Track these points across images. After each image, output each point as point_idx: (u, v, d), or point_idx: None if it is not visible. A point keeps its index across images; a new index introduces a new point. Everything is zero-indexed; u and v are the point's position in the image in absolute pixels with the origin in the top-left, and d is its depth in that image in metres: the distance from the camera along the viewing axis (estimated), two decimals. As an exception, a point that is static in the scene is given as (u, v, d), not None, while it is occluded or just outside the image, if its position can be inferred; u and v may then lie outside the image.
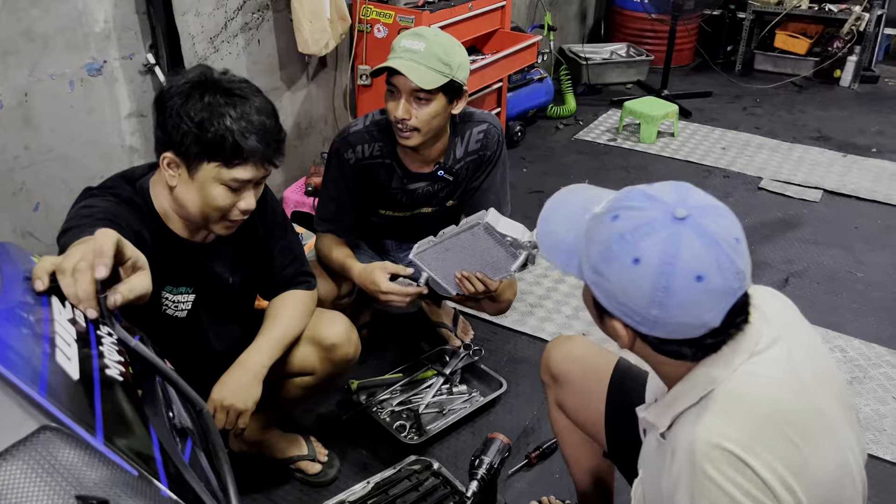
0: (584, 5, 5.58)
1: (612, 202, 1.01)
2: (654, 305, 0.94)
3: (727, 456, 0.95)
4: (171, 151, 1.40)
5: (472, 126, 2.06)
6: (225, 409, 1.53)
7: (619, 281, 0.95)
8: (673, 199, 0.96)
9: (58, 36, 2.16)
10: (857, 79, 5.19)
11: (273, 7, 2.88)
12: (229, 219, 1.47)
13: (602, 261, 0.97)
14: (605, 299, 0.99)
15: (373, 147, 2.00)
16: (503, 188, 2.15)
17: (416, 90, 1.82)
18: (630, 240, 0.94)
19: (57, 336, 0.78)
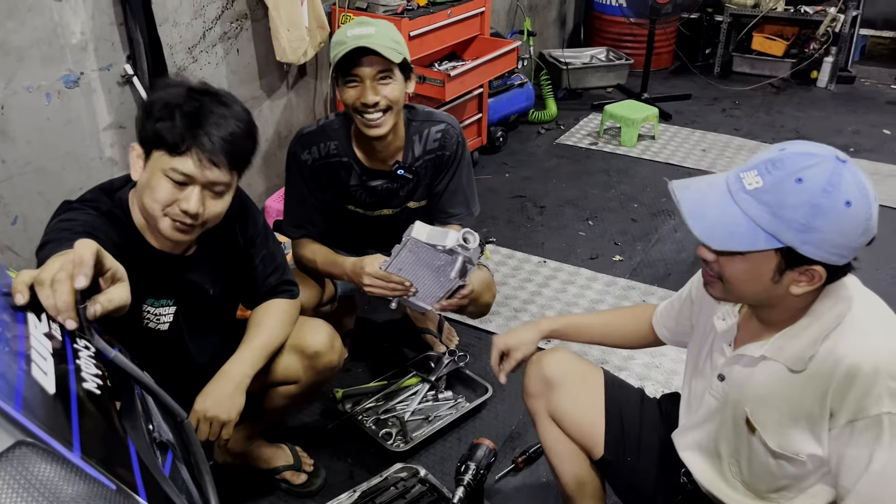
0: (563, 10, 5.61)
1: (777, 172, 1.10)
2: (864, 234, 1.10)
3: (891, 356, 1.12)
4: (137, 143, 1.42)
5: (430, 125, 2.07)
6: (208, 420, 1.52)
7: (838, 225, 1.08)
8: (823, 150, 1.12)
9: (33, 48, 2.14)
10: (833, 79, 5.26)
11: (251, 16, 2.87)
12: (171, 216, 1.41)
13: (813, 216, 1.08)
14: (818, 249, 1.10)
15: (328, 146, 2.01)
16: (470, 188, 2.15)
17: (380, 71, 1.84)
18: (833, 190, 1.07)
19: (33, 351, 0.77)
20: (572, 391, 1.60)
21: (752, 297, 1.23)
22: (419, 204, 2.15)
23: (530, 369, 1.66)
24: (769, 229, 1.10)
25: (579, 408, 1.59)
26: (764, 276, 1.15)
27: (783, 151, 1.13)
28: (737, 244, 1.13)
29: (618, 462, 1.55)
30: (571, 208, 3.57)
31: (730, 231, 1.12)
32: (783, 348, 1.22)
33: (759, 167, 1.12)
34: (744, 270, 1.17)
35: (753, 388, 1.28)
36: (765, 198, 1.10)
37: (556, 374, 1.61)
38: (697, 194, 1.18)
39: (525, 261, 3.13)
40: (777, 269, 1.14)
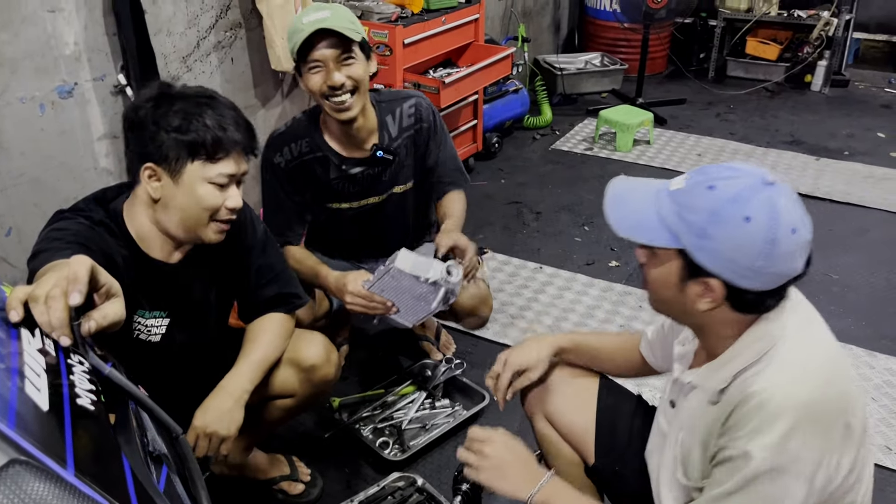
0: (557, 16, 5.63)
1: (696, 177, 1.13)
2: (761, 257, 1.06)
3: (795, 405, 1.07)
4: (151, 162, 1.41)
5: (400, 102, 2.08)
6: (208, 435, 1.51)
7: (731, 238, 1.07)
8: (754, 169, 1.11)
9: (27, 60, 2.14)
10: (827, 83, 5.27)
11: (245, 25, 2.87)
12: (219, 219, 1.47)
13: (711, 224, 1.08)
14: (709, 258, 1.09)
15: (300, 144, 2.00)
16: (456, 154, 2.19)
17: (341, 53, 1.84)
18: (737, 202, 1.07)
19: (26, 367, 0.77)
20: (566, 395, 1.60)
21: (668, 307, 1.23)
22: (406, 187, 2.12)
23: None
24: (672, 228, 1.12)
25: (572, 412, 1.60)
26: (671, 280, 1.16)
27: (718, 164, 1.15)
28: (638, 235, 1.16)
29: (607, 470, 1.55)
30: (567, 214, 3.57)
31: (638, 222, 1.15)
32: (708, 378, 1.21)
33: (691, 172, 1.16)
34: (656, 273, 1.18)
35: (686, 414, 1.28)
36: (678, 198, 1.13)
37: (551, 377, 1.61)
38: (631, 185, 1.21)
39: (521, 267, 3.12)
40: (680, 275, 1.15)
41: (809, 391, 1.09)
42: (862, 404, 1.16)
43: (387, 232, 2.09)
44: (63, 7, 2.20)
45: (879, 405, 2.33)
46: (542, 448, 1.68)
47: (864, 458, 1.18)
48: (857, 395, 1.16)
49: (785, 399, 1.08)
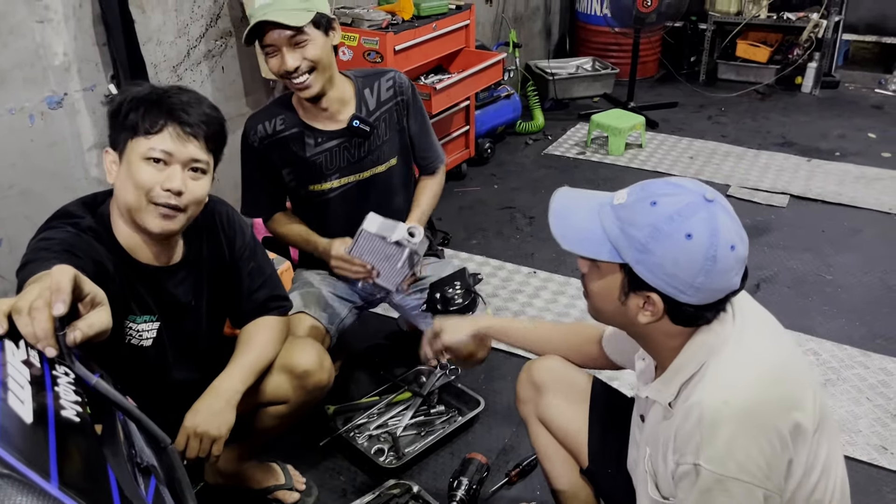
0: (548, 21, 5.64)
1: (638, 192, 1.15)
2: (701, 273, 1.08)
3: (733, 413, 1.08)
4: (110, 147, 1.44)
5: (378, 77, 2.08)
6: (198, 436, 1.50)
7: (672, 255, 1.08)
8: (695, 186, 1.13)
9: (16, 70, 2.13)
10: (818, 84, 5.29)
11: (236, 34, 2.87)
12: (157, 202, 1.41)
13: (652, 239, 1.09)
14: (650, 273, 1.11)
15: (274, 122, 2.01)
16: (431, 131, 2.20)
17: (292, 35, 1.83)
18: (678, 219, 1.08)
19: (10, 379, 0.76)
20: (559, 397, 1.61)
21: (609, 318, 1.25)
22: (390, 164, 2.09)
23: (521, 375, 1.67)
24: (615, 243, 1.13)
25: (565, 415, 1.60)
26: (612, 293, 1.18)
27: (662, 180, 1.16)
28: (583, 249, 1.17)
29: (601, 472, 1.55)
30: (561, 218, 3.56)
31: (582, 236, 1.17)
32: (660, 391, 1.23)
33: (633, 187, 1.17)
34: (598, 285, 1.20)
35: (650, 429, 1.29)
36: (621, 213, 1.14)
37: (544, 380, 1.62)
38: (574, 198, 1.23)
39: (515, 272, 3.12)
40: (622, 289, 1.16)
41: (747, 398, 1.10)
42: (814, 401, 1.16)
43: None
44: (52, 18, 2.20)
45: (874, 405, 2.33)
46: (537, 450, 1.68)
47: (828, 454, 1.17)
48: (805, 393, 1.15)
49: (723, 408, 1.09)
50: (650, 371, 1.32)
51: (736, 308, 1.20)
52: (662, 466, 1.21)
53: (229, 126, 3.02)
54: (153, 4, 2.51)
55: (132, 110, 1.39)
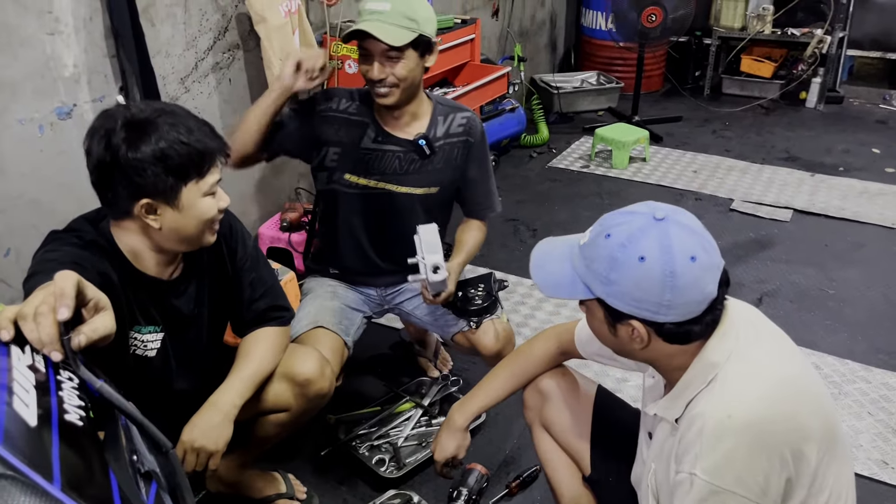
0: (553, 35, 5.68)
1: (596, 228, 1.19)
2: (666, 290, 1.10)
3: (736, 426, 1.09)
4: (146, 198, 1.39)
5: (456, 111, 2.09)
6: (195, 450, 1.52)
7: (632, 279, 1.11)
8: (646, 209, 1.16)
9: (26, 82, 2.16)
10: (822, 100, 5.31)
11: (243, 46, 2.91)
12: (214, 223, 1.52)
13: (611, 270, 1.13)
14: (621, 302, 1.14)
15: (350, 104, 2.02)
16: (491, 182, 2.20)
17: (387, 49, 1.85)
18: (629, 245, 1.12)
19: (15, 383, 0.77)
20: (562, 405, 1.63)
21: (616, 350, 1.28)
22: (427, 190, 2.08)
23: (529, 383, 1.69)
24: (584, 281, 1.17)
25: (568, 422, 1.63)
26: (604, 327, 1.21)
27: (615, 212, 1.20)
28: (561, 293, 1.22)
29: (602, 481, 1.56)
30: (564, 231, 3.51)
31: (556, 281, 1.22)
32: (668, 408, 1.25)
33: (594, 224, 1.21)
34: (591, 321, 1.25)
35: (657, 446, 1.30)
36: (585, 251, 1.18)
37: (549, 387, 1.64)
38: (550, 247, 1.28)
39: (518, 284, 3.13)
40: (608, 322, 1.20)
41: (751, 412, 1.11)
42: (823, 423, 1.15)
43: (393, 231, 2.07)
44: (62, 30, 2.23)
45: (876, 420, 2.33)
46: (540, 457, 1.70)
47: (836, 479, 1.16)
48: (812, 415, 1.15)
49: (725, 421, 1.10)
50: (659, 388, 1.33)
51: (744, 323, 1.21)
52: (666, 483, 1.22)
53: (235, 137, 3.00)
54: (163, 17, 2.54)
55: (170, 157, 1.37)
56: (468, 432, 1.72)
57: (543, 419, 1.66)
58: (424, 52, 1.92)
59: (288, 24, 2.85)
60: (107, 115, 1.41)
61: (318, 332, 1.99)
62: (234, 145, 1.89)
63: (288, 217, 3.02)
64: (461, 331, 2.07)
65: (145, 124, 1.38)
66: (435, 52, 1.97)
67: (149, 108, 1.41)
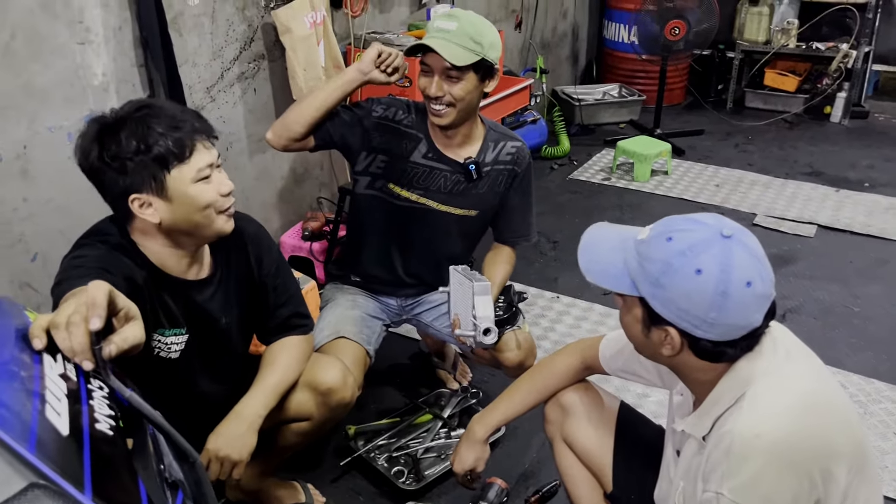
0: (575, 48, 5.68)
1: (658, 228, 1.17)
2: (713, 309, 1.09)
3: (764, 446, 1.07)
4: (133, 194, 1.41)
5: (507, 139, 2.10)
6: (220, 459, 1.53)
7: (682, 289, 1.10)
8: (714, 222, 1.14)
9: (56, 89, 2.20)
10: (847, 114, 5.26)
11: (269, 57, 2.93)
12: (221, 209, 1.48)
13: (663, 274, 1.11)
14: (664, 308, 1.12)
15: (406, 116, 2.03)
16: (531, 213, 2.19)
17: (449, 68, 1.86)
18: (690, 255, 1.10)
19: (48, 391, 0.78)
20: (584, 420, 1.62)
21: (640, 349, 1.26)
22: (466, 212, 2.09)
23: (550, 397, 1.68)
24: (633, 277, 1.16)
25: (590, 437, 1.62)
26: (637, 326, 1.20)
27: (680, 216, 1.19)
28: (604, 281, 1.20)
29: (624, 499, 1.55)
30: (585, 244, 3.56)
31: (604, 269, 1.20)
32: (695, 425, 1.23)
33: (656, 223, 1.19)
34: (626, 318, 1.22)
35: (684, 464, 1.29)
36: (641, 248, 1.16)
37: (571, 402, 1.64)
38: (604, 233, 1.26)
39: (538, 296, 3.12)
40: (644, 322, 1.18)
41: (780, 432, 1.09)
42: (852, 445, 1.14)
43: (425, 246, 2.08)
44: (92, 39, 2.26)
45: (902, 441, 2.29)
46: (561, 472, 1.69)
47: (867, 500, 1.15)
48: (842, 436, 1.13)
49: (754, 440, 1.09)
50: (688, 405, 1.32)
51: (776, 341, 1.19)
52: (693, 502, 1.20)
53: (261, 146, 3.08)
54: (190, 27, 2.57)
55: (147, 146, 1.36)
56: (488, 445, 1.72)
57: (565, 434, 1.65)
58: (485, 77, 1.94)
59: (313, 35, 2.87)
60: (88, 123, 1.43)
61: (341, 343, 2.00)
62: (284, 121, 1.96)
63: (310, 226, 3.04)
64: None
65: (118, 123, 1.39)
66: (496, 78, 1.97)
67: (126, 107, 1.43)
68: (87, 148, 1.39)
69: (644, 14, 4.54)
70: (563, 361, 1.65)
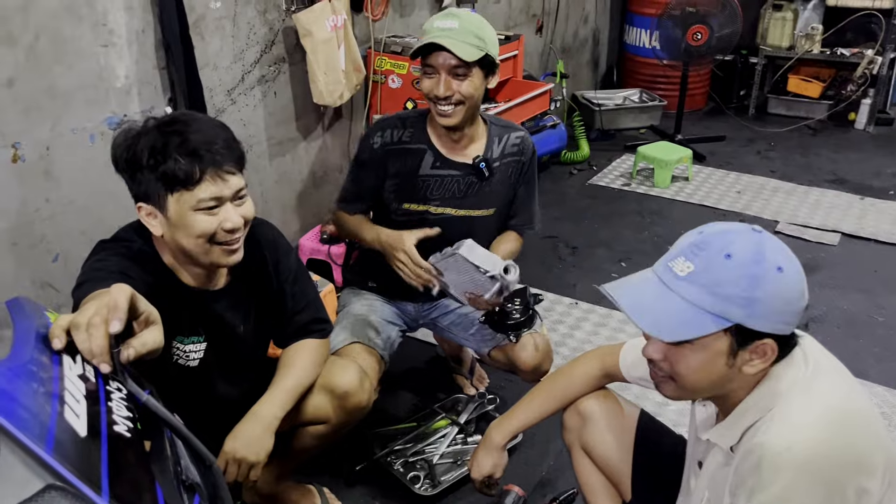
0: (596, 52, 5.66)
1: (700, 253, 1.11)
2: (802, 296, 1.11)
3: (795, 460, 1.05)
4: (139, 202, 1.42)
5: (510, 131, 2.09)
6: (237, 461, 1.52)
7: (776, 292, 1.08)
8: (736, 226, 1.15)
9: (79, 92, 2.21)
10: (871, 121, 5.19)
11: (289, 60, 2.94)
12: (220, 242, 1.44)
13: (753, 288, 1.07)
14: (765, 321, 1.09)
15: (402, 132, 2.01)
16: (535, 199, 2.19)
17: (456, 66, 1.85)
18: (761, 259, 1.09)
19: (66, 393, 0.78)
20: (603, 428, 1.60)
21: (706, 389, 1.19)
22: (487, 212, 2.09)
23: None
24: (713, 310, 1.08)
25: (609, 446, 1.60)
26: (717, 362, 1.12)
27: (702, 234, 1.15)
28: (687, 332, 1.10)
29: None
30: (604, 249, 3.55)
31: (678, 320, 1.10)
32: (722, 436, 1.21)
33: (685, 253, 1.13)
34: (696, 361, 1.13)
35: (708, 474, 1.26)
36: (700, 280, 1.09)
37: (590, 410, 1.62)
38: (633, 290, 1.17)
39: (556, 302, 3.10)
40: (730, 352, 1.11)
41: (812, 446, 1.06)
42: (885, 459, 1.11)
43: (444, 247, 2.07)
44: (115, 42, 2.28)
45: (928, 454, 2.24)
46: (579, 481, 1.68)
47: None
48: (876, 450, 1.11)
49: (785, 454, 1.06)
50: (711, 416, 1.30)
51: (806, 353, 1.18)
52: None
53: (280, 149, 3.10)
54: (212, 31, 2.59)
55: (160, 163, 1.35)
56: (506, 451, 1.70)
57: (583, 442, 1.63)
58: (489, 73, 1.93)
59: (333, 39, 2.88)
60: (131, 124, 1.45)
61: (355, 348, 1.99)
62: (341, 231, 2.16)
63: (328, 229, 3.04)
64: (499, 345, 2.05)
65: (146, 131, 1.39)
66: (497, 74, 1.98)
67: (164, 118, 1.43)
68: (116, 146, 1.42)
69: (666, 19, 4.51)
70: (582, 368, 1.63)
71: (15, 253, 2.16)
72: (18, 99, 2.06)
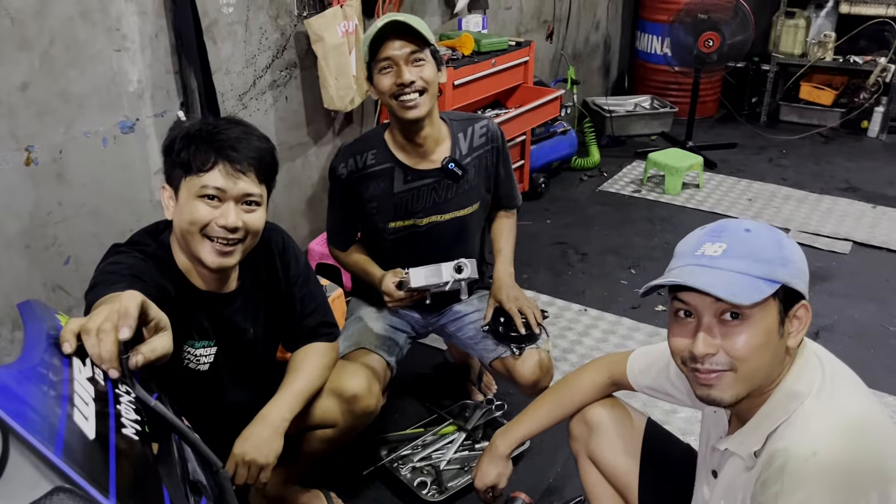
0: (607, 59, 5.65)
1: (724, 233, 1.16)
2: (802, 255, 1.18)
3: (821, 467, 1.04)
4: (166, 183, 1.49)
5: (472, 123, 2.10)
6: (246, 463, 1.53)
7: (796, 252, 1.15)
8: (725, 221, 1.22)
9: (93, 96, 2.23)
10: (885, 129, 5.16)
11: (300, 65, 2.96)
12: (211, 236, 1.44)
13: (782, 249, 1.13)
14: (799, 280, 1.13)
15: (365, 156, 2.02)
16: (513, 175, 2.25)
17: (412, 51, 1.87)
18: (771, 228, 1.17)
19: (76, 395, 0.79)
20: (610, 437, 1.59)
21: (764, 373, 1.14)
22: (472, 208, 2.10)
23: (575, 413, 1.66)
24: (762, 275, 1.11)
25: (616, 454, 1.59)
26: (772, 335, 1.12)
27: (708, 226, 1.21)
28: (757, 295, 1.08)
29: None
30: (613, 256, 3.54)
31: (742, 287, 1.09)
32: (742, 443, 1.20)
33: (709, 239, 1.17)
34: (755, 338, 1.11)
35: (725, 483, 1.25)
36: (738, 252, 1.13)
37: (597, 418, 1.61)
38: (681, 274, 1.15)
39: (565, 308, 3.10)
40: (779, 319, 1.13)
41: (837, 452, 1.05)
42: None
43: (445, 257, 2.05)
44: (129, 47, 2.30)
45: (940, 466, 2.22)
46: (586, 489, 1.67)
47: None
48: (894, 462, 1.09)
49: (810, 459, 1.05)
50: (724, 423, 1.29)
51: (821, 360, 1.18)
52: None
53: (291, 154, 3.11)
54: (224, 36, 2.60)
55: (184, 148, 1.43)
56: (510, 460, 1.70)
57: (590, 451, 1.62)
58: (439, 66, 1.96)
59: (345, 44, 2.89)
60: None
61: (362, 353, 2.00)
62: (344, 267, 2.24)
63: (338, 234, 3.04)
64: (500, 357, 2.05)
65: (197, 122, 1.49)
66: (444, 70, 2.02)
67: (222, 118, 1.54)
68: (168, 132, 1.51)
69: (678, 25, 4.50)
70: (589, 376, 1.63)
71: (28, 255, 2.17)
72: (32, 103, 2.08)
